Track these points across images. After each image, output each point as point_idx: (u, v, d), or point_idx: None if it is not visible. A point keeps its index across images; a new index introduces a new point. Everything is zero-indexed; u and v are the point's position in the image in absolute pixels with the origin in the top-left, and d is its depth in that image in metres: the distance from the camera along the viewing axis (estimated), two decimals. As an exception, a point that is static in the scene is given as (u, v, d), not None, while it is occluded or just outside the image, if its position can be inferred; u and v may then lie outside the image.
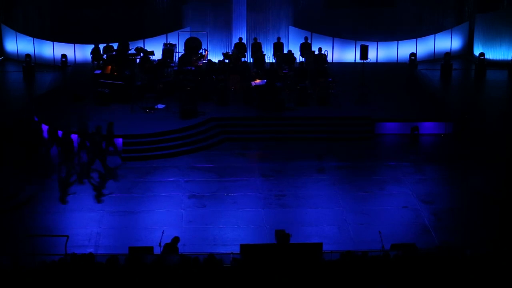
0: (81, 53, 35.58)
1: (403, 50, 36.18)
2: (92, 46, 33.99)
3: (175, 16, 36.01)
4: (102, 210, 21.94)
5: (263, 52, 33.74)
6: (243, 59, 32.55)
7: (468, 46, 37.14)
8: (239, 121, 27.77)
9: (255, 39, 34.29)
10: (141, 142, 25.79)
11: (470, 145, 26.63)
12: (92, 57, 33.80)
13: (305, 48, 33.56)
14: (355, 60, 34.99)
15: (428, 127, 27.74)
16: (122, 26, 35.20)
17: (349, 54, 35.86)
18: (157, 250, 17.94)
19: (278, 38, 34.42)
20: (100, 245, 19.92)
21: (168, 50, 33.25)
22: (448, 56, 34.92)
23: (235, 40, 34.65)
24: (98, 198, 22.73)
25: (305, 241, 19.37)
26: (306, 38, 34.24)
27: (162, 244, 18.05)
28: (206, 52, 33.05)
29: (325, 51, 33.00)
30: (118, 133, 25.68)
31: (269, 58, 34.13)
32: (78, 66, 34.97)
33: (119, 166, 24.79)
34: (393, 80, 32.55)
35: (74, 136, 24.78)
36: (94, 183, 23.69)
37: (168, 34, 35.40)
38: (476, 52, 36.12)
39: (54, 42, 35.83)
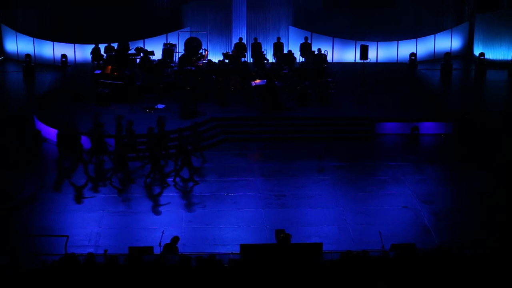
0: (81, 53, 35.60)
1: (403, 50, 36.20)
2: (92, 46, 34.02)
3: (175, 16, 36.01)
4: (102, 210, 21.94)
5: (263, 52, 33.75)
6: (243, 59, 32.55)
7: (468, 46, 37.16)
8: (239, 121, 27.77)
9: (255, 39, 34.31)
10: (141, 142, 25.74)
11: (470, 145, 26.63)
12: (92, 57, 33.82)
13: (305, 48, 33.56)
14: (355, 60, 35.01)
15: (428, 127, 27.74)
16: (122, 26, 35.21)
17: (349, 54, 35.87)
18: (157, 250, 17.95)
19: (278, 38, 34.42)
20: (100, 245, 19.89)
21: (168, 50, 33.25)
22: (448, 56, 34.94)
23: (235, 40, 34.66)
24: (98, 198, 22.74)
25: (305, 241, 19.37)
26: (306, 38, 34.25)
27: (162, 244, 18.06)
28: (206, 52, 33.06)
29: (325, 51, 33.00)
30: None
31: (269, 58, 34.12)
32: (78, 66, 34.99)
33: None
34: (393, 80, 32.55)
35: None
36: (94, 183, 23.70)
37: (168, 34, 35.41)
38: (476, 52, 36.13)
39: (54, 42, 35.85)
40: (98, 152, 24.54)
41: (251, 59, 33.80)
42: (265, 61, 32.31)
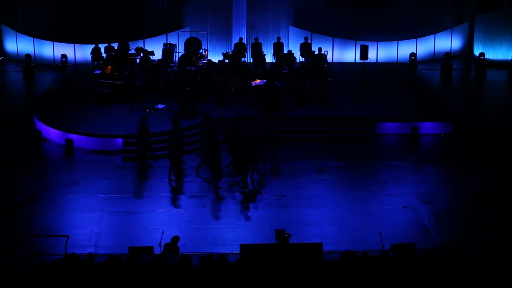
0: (81, 53, 35.60)
1: (403, 50, 36.19)
2: (92, 46, 34.02)
3: (175, 16, 36.02)
4: (102, 210, 21.93)
5: (263, 52, 33.76)
6: (243, 59, 32.55)
7: (468, 46, 37.16)
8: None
9: (255, 39, 34.30)
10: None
11: (470, 145, 26.63)
12: (92, 57, 33.82)
13: (305, 48, 33.56)
14: (355, 60, 35.01)
15: (428, 127, 27.74)
16: (122, 26, 35.22)
17: (349, 54, 35.87)
18: (157, 250, 17.95)
19: (278, 38, 34.42)
20: (100, 245, 19.91)
21: (168, 50, 33.26)
22: (448, 56, 34.94)
23: (235, 40, 34.66)
24: (98, 198, 22.72)
25: (305, 241, 19.37)
26: (306, 38, 34.24)
27: (162, 244, 18.06)
28: (206, 52, 33.06)
29: (325, 51, 33.00)
30: (119, 133, 25.72)
31: (269, 58, 34.12)
32: (78, 66, 34.99)
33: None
34: (393, 80, 32.55)
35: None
36: (94, 184, 23.70)
37: (168, 34, 35.41)
38: (476, 52, 36.13)
39: (54, 42, 35.85)
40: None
41: (251, 59, 33.80)
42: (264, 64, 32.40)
